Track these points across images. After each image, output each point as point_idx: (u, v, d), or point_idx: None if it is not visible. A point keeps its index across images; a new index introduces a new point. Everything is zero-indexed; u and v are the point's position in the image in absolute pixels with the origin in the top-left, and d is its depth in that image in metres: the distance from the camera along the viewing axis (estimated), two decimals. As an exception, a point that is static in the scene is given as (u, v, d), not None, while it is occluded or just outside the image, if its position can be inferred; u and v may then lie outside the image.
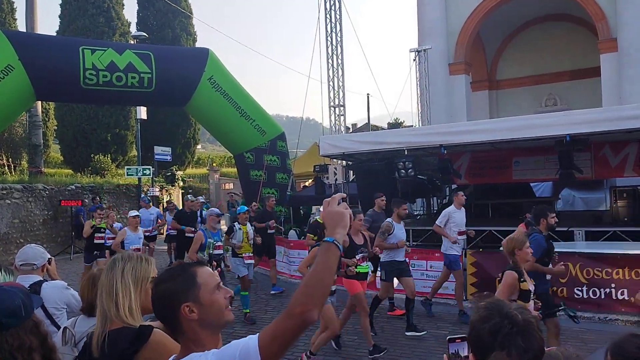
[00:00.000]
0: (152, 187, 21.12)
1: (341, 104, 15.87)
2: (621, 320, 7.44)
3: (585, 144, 9.83)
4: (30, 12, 20.86)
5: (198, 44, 32.60)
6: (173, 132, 29.45)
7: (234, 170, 25.35)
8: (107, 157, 25.27)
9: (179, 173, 26.47)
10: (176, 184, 25.03)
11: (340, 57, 15.92)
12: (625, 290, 7.63)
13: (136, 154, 23.32)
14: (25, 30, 20.92)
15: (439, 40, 19.30)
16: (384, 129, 30.09)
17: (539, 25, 21.59)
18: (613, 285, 7.79)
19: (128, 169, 20.28)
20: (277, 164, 15.31)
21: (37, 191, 16.06)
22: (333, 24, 15.83)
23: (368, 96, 40.81)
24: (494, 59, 23.33)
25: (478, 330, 1.50)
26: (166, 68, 13.90)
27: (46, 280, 3.68)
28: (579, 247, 8.92)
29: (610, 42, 16.73)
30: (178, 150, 29.46)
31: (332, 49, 15.88)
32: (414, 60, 19.11)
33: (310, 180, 19.55)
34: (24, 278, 3.51)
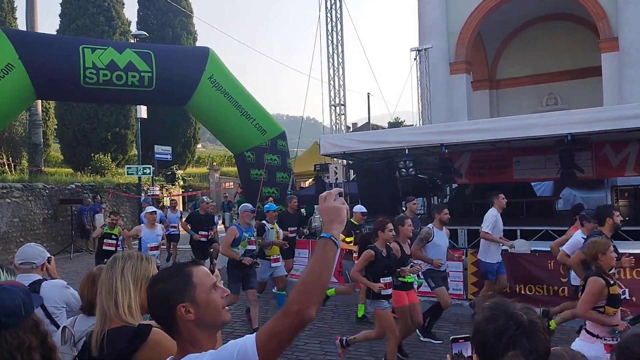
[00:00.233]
0: (152, 187, 21.12)
1: (342, 103, 15.85)
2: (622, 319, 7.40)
3: (586, 143, 9.83)
4: (30, 11, 20.84)
5: (198, 43, 32.62)
6: (173, 131, 29.46)
7: (234, 169, 25.37)
8: (107, 156, 25.29)
9: (179, 172, 26.50)
10: (176, 183, 25.04)
11: (340, 56, 15.90)
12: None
13: (136, 153, 23.32)
14: (25, 29, 20.90)
15: (439, 39, 19.29)
16: (385, 128, 30.09)
17: (539, 24, 21.58)
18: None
19: (128, 168, 20.28)
20: (278, 163, 15.29)
21: (37, 190, 16.04)
22: (334, 23, 15.81)
23: (368, 95, 40.82)
24: (494, 59, 23.33)
25: (483, 331, 1.48)
26: (166, 67, 13.88)
27: (46, 279, 3.67)
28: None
29: (611, 42, 16.72)
30: (178, 149, 29.48)
31: (333, 48, 15.86)
32: (415, 59, 19.10)
33: (311, 180, 19.55)
34: (24, 277, 3.49)
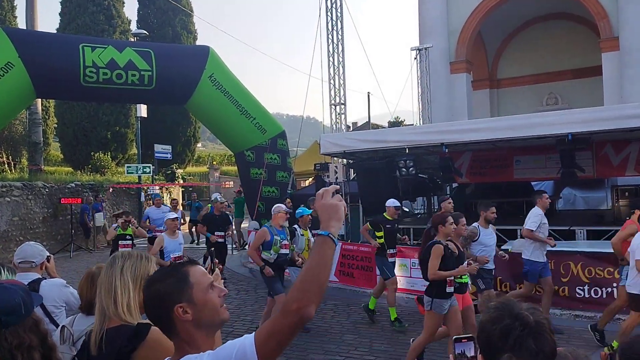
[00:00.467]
0: (152, 185, 21.12)
1: (342, 102, 15.83)
2: (623, 319, 7.38)
3: (587, 142, 9.81)
4: (30, 10, 20.81)
5: (198, 42, 32.60)
6: (173, 130, 29.46)
7: (234, 168, 25.36)
8: (107, 155, 25.28)
9: (179, 171, 26.49)
10: (176, 182, 25.03)
11: (341, 55, 15.88)
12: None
13: (136, 152, 23.32)
14: (25, 28, 20.88)
15: (440, 38, 19.27)
16: (385, 128, 30.07)
17: (540, 24, 21.56)
18: (615, 284, 7.75)
19: (128, 167, 20.28)
20: (278, 162, 15.28)
21: (37, 189, 16.03)
22: (334, 22, 15.78)
23: (369, 94, 40.80)
24: (494, 58, 23.31)
25: (488, 331, 1.46)
26: (166, 66, 13.86)
27: (45, 278, 3.66)
28: (580, 246, 8.90)
29: (612, 41, 16.69)
30: (178, 148, 29.48)
31: (333, 47, 15.83)
32: (415, 58, 19.08)
33: (311, 179, 19.53)
34: (23, 276, 3.48)
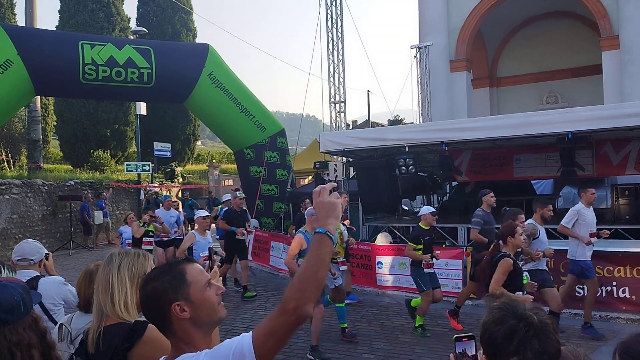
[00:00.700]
0: (152, 183, 21.11)
1: (342, 100, 15.81)
2: (622, 318, 7.40)
3: (587, 141, 9.80)
4: (29, 7, 20.73)
5: (198, 40, 32.57)
6: (173, 128, 29.43)
7: (234, 166, 25.34)
8: (107, 153, 25.26)
9: (179, 169, 26.46)
10: (176, 180, 25.01)
11: (341, 53, 15.86)
12: (626, 289, 7.60)
13: (136, 150, 23.30)
14: (24, 25, 20.83)
15: (440, 36, 19.24)
16: (384, 126, 30.05)
17: (540, 22, 21.52)
18: (614, 283, 7.76)
19: (127, 164, 20.27)
20: (277, 160, 15.27)
21: (36, 187, 16.01)
22: (334, 20, 15.76)
23: (368, 93, 40.76)
24: (495, 56, 23.28)
25: (491, 332, 1.45)
26: (166, 63, 13.85)
27: (43, 275, 3.65)
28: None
29: (612, 40, 16.66)
30: (178, 146, 29.46)
31: (333, 45, 15.81)
32: (415, 56, 19.06)
33: (310, 177, 19.52)
34: (21, 273, 3.47)
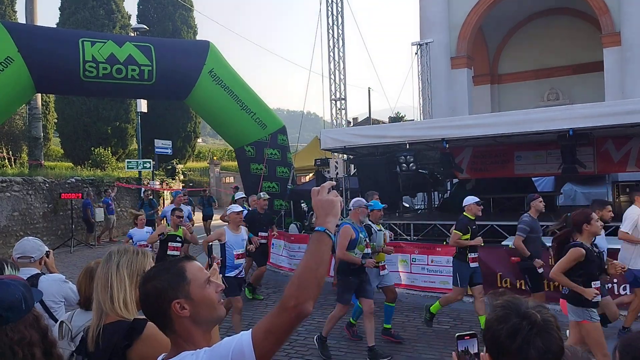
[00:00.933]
0: (153, 181, 21.11)
1: (342, 97, 15.79)
2: (622, 316, 7.39)
3: (588, 138, 9.78)
4: (30, 4, 20.74)
5: (198, 37, 32.53)
6: (173, 126, 29.43)
7: (235, 163, 25.35)
8: (108, 151, 25.28)
9: (180, 166, 26.47)
10: (176, 177, 25.03)
11: (341, 50, 15.83)
12: (627, 286, 7.59)
13: (136, 147, 23.29)
14: (25, 23, 20.82)
15: (441, 33, 19.22)
16: (385, 123, 30.03)
17: (541, 19, 21.49)
18: (615, 280, 7.76)
19: (128, 162, 20.26)
20: (278, 157, 15.26)
21: (37, 184, 16.02)
22: (335, 17, 15.73)
23: (369, 90, 40.71)
24: (496, 53, 23.25)
25: (494, 331, 1.45)
26: (166, 61, 13.83)
27: (44, 273, 3.65)
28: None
29: (613, 36, 16.63)
30: (178, 143, 29.46)
31: (334, 42, 15.78)
32: (416, 53, 19.04)
33: (311, 175, 19.52)
34: (21, 271, 3.47)
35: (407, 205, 15.80)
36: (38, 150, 21.13)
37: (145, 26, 21.32)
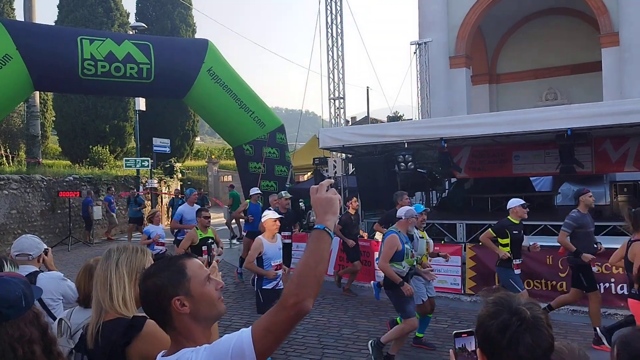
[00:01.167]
0: (151, 179, 21.10)
1: (341, 96, 15.80)
2: (620, 315, 7.41)
3: (586, 138, 9.80)
4: (28, 2, 20.68)
5: (197, 36, 32.48)
6: (172, 124, 29.38)
7: (233, 162, 25.33)
8: (106, 149, 25.24)
9: (178, 165, 26.44)
10: (175, 175, 25.00)
11: (340, 49, 15.84)
12: (624, 285, 7.61)
13: (135, 145, 23.27)
14: (23, 20, 20.78)
15: (439, 33, 19.23)
16: (384, 122, 30.05)
17: (540, 19, 21.50)
18: (612, 280, 7.79)
19: (126, 160, 20.24)
20: (276, 156, 15.27)
21: (35, 182, 16.00)
22: (334, 16, 15.73)
23: (368, 89, 40.74)
24: (494, 53, 23.27)
25: (486, 326, 1.47)
26: (165, 59, 13.82)
27: (42, 271, 3.65)
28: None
29: (612, 37, 16.65)
30: (177, 142, 29.42)
31: (333, 41, 15.79)
32: (415, 53, 19.05)
33: (310, 173, 19.53)
34: (20, 269, 3.47)
35: (406, 205, 15.81)
36: (36, 148, 21.09)
37: (143, 24, 21.29)
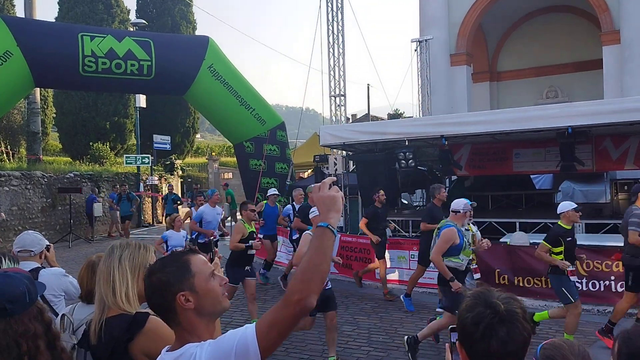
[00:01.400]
0: (151, 176, 21.11)
1: (342, 93, 15.78)
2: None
3: (587, 136, 9.80)
4: (28, -2, 20.64)
5: (197, 32, 32.47)
6: (172, 121, 29.41)
7: (233, 159, 25.35)
8: (106, 146, 25.25)
9: (178, 162, 26.46)
10: (175, 172, 25.03)
11: (341, 47, 15.81)
12: (624, 283, 7.62)
13: (135, 142, 23.28)
14: (23, 17, 20.75)
15: (440, 30, 19.21)
16: (384, 120, 30.04)
17: (541, 16, 21.49)
18: (612, 277, 7.79)
19: (127, 157, 20.26)
20: (277, 153, 15.28)
21: (36, 179, 16.01)
22: (334, 13, 15.70)
23: (368, 86, 40.71)
24: (495, 51, 23.25)
25: (463, 319, 1.50)
26: (166, 56, 13.82)
27: (44, 267, 3.66)
28: (578, 240, 8.87)
29: (613, 34, 16.64)
30: (177, 139, 29.46)
31: (333, 38, 15.76)
32: (415, 50, 19.04)
33: (310, 171, 19.54)
34: (22, 265, 3.48)
35: (406, 202, 15.83)
36: (36, 144, 21.11)
37: (144, 21, 21.31)
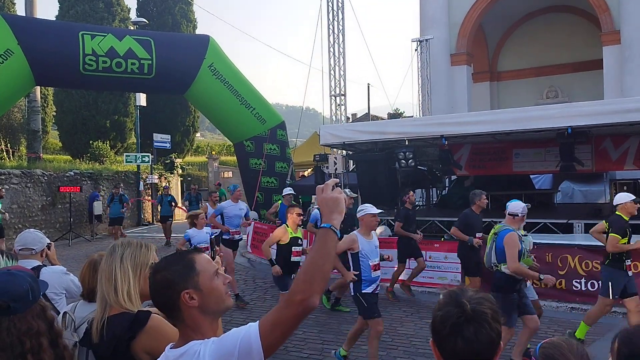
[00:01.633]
0: (151, 175, 21.12)
1: (342, 93, 15.79)
2: (619, 312, 7.44)
3: (587, 136, 9.82)
4: (29, -3, 20.63)
5: (198, 31, 32.48)
6: (172, 120, 29.42)
7: (233, 158, 25.37)
8: (106, 144, 25.26)
9: (178, 161, 26.46)
10: (175, 171, 25.03)
11: (341, 46, 15.82)
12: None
13: (135, 141, 23.30)
14: (24, 15, 20.74)
15: (440, 30, 19.22)
16: (384, 119, 30.05)
17: (541, 17, 21.51)
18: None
19: (127, 156, 20.28)
20: (277, 152, 15.30)
21: (36, 177, 16.02)
22: (335, 12, 15.71)
23: (368, 86, 40.72)
24: (495, 51, 23.27)
25: (434, 316, 1.53)
26: (166, 55, 13.83)
27: (45, 265, 3.67)
28: (578, 240, 8.93)
29: (613, 35, 16.65)
30: (177, 137, 29.46)
31: (334, 38, 15.77)
32: (416, 50, 19.05)
33: (310, 170, 19.55)
34: (23, 263, 3.49)
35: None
36: (37, 143, 21.11)
37: (144, 20, 21.31)
